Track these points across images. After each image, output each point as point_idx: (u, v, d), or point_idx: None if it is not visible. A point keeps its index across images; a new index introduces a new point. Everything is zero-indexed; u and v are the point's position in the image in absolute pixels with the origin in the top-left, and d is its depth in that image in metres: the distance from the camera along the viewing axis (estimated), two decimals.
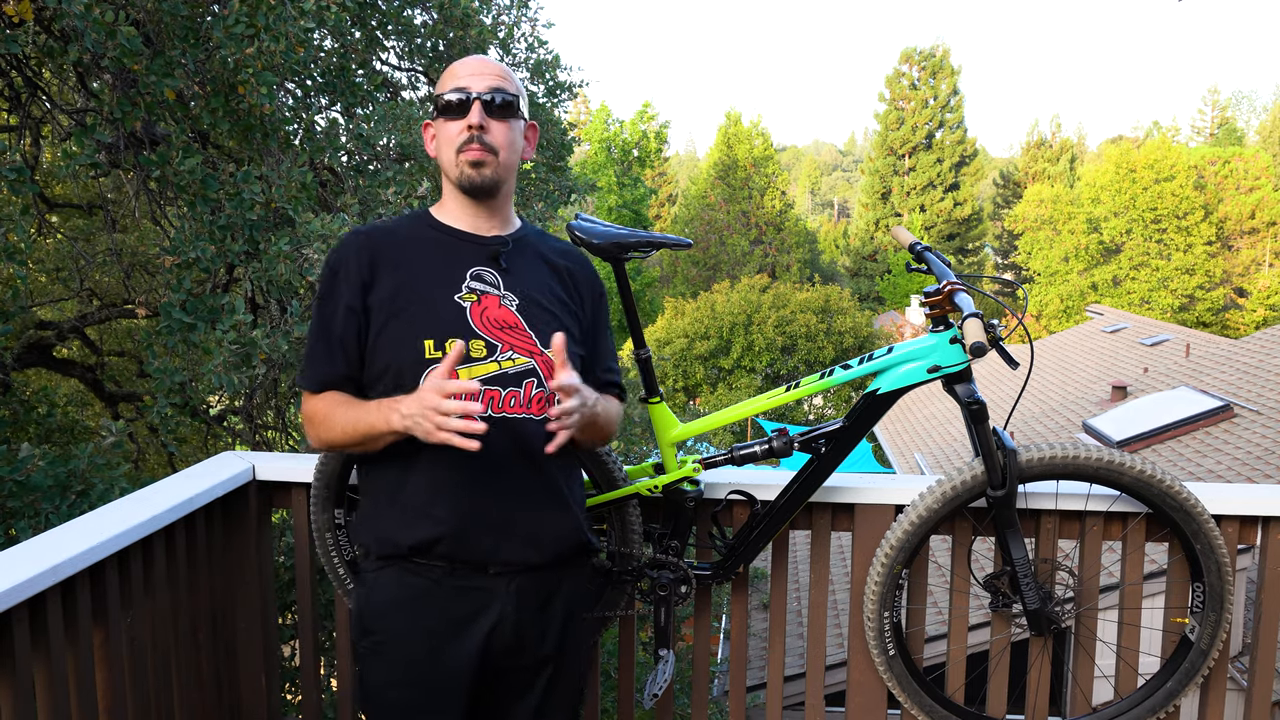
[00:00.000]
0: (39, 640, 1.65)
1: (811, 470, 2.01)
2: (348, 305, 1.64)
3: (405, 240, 1.70)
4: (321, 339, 1.67)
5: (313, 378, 1.67)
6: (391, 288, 1.64)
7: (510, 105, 1.66)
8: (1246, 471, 9.53)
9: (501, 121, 1.65)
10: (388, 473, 1.66)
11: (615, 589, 2.14)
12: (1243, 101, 71.21)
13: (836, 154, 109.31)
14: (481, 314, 1.64)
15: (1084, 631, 2.15)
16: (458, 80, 1.65)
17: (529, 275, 1.71)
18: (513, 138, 1.68)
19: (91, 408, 6.26)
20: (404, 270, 1.65)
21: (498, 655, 1.67)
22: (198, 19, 3.49)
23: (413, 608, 1.64)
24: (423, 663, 1.64)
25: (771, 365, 24.21)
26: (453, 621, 1.64)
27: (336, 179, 4.34)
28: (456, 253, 1.68)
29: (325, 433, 1.65)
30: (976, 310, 1.77)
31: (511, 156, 1.68)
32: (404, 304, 1.63)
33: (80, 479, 3.02)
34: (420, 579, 1.64)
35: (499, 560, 1.65)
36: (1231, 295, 33.51)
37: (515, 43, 5.73)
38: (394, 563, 1.66)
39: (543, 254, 1.76)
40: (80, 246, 5.44)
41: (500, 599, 1.65)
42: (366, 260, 1.66)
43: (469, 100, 1.63)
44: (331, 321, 1.65)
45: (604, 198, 27.66)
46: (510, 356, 1.63)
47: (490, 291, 1.66)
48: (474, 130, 1.62)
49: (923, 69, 40.29)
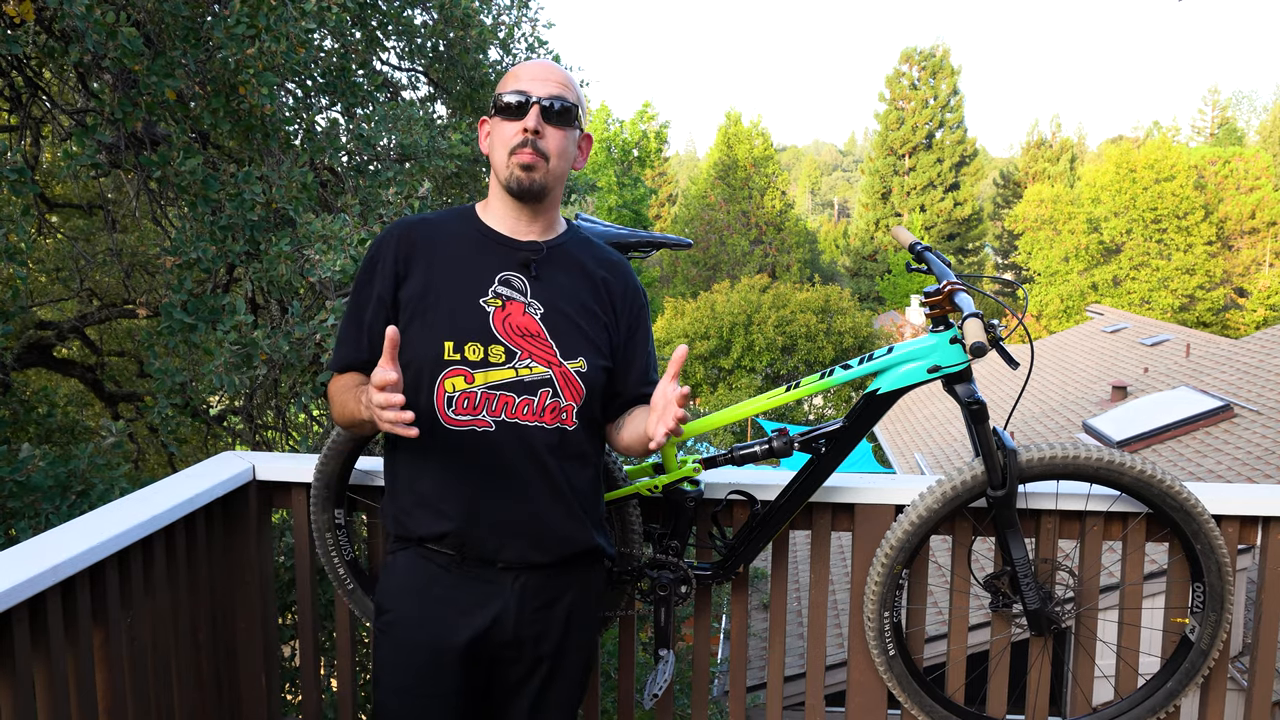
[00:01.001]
0: (39, 640, 1.65)
1: (811, 470, 2.01)
2: (379, 295, 1.68)
3: (444, 237, 1.71)
4: (353, 323, 1.71)
5: (338, 360, 1.73)
6: (422, 285, 1.66)
7: (568, 113, 1.66)
8: (1246, 471, 9.53)
9: (558, 129, 1.65)
10: (410, 461, 1.70)
11: (615, 589, 2.14)
12: (1243, 101, 71.26)
13: (836, 154, 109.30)
14: (504, 320, 1.65)
15: (1084, 631, 2.15)
16: (520, 82, 1.66)
17: (559, 284, 1.70)
18: (566, 146, 1.68)
19: (91, 408, 6.25)
20: (436, 268, 1.67)
21: (496, 647, 1.69)
22: (198, 19, 3.49)
23: (421, 591, 1.69)
24: (423, 645, 1.67)
25: (771, 365, 24.22)
26: (457, 608, 1.67)
27: (337, 179, 4.34)
28: (490, 255, 1.69)
29: (334, 413, 1.72)
30: (977, 310, 1.77)
31: (563, 164, 1.68)
32: (431, 303, 1.65)
33: (80, 479, 3.02)
34: (431, 564, 1.69)
35: (504, 558, 1.67)
36: (1231, 295, 33.50)
37: (515, 43, 5.72)
38: (409, 546, 1.71)
39: (581, 263, 1.75)
40: (80, 246, 5.44)
41: (505, 594, 1.68)
42: (404, 253, 1.68)
43: (528, 103, 1.63)
44: (364, 308, 1.69)
45: (604, 198, 27.66)
46: (528, 365, 1.64)
47: (516, 298, 1.66)
48: (529, 134, 1.62)
49: (923, 69, 40.29)
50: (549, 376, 1.65)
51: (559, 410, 1.66)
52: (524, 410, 1.64)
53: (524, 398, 1.64)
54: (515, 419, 1.64)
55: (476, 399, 1.62)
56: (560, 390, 1.66)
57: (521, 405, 1.64)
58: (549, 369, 1.65)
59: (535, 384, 1.64)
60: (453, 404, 1.63)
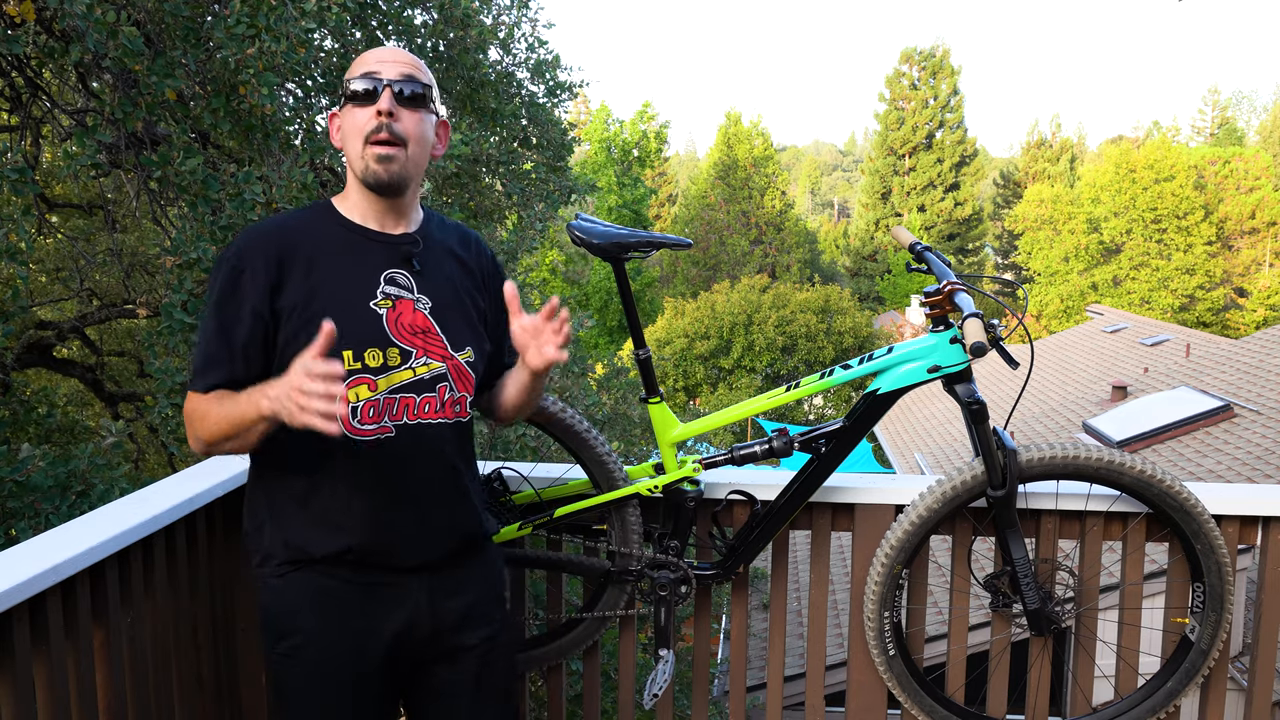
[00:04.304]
0: (39, 640, 1.65)
1: (811, 470, 2.01)
2: (254, 309, 1.55)
3: (314, 239, 1.62)
4: (222, 343, 1.56)
5: (206, 382, 1.56)
6: (304, 292, 1.57)
7: (421, 96, 1.60)
8: (1246, 471, 9.53)
9: (413, 112, 1.59)
10: (294, 479, 1.62)
11: (615, 589, 2.14)
12: (1243, 101, 71.25)
13: (836, 154, 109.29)
14: (397, 320, 1.61)
15: (1084, 631, 2.15)
16: (367, 66, 1.59)
17: (439, 275, 1.68)
18: (423, 130, 1.61)
19: (91, 408, 6.26)
20: (316, 273, 1.58)
21: (417, 648, 1.67)
22: (199, 19, 3.49)
23: (327, 608, 1.62)
24: (342, 660, 1.62)
25: (771, 365, 24.22)
26: (368, 617, 1.64)
27: (337, 179, 4.35)
28: (368, 254, 1.62)
29: (202, 430, 1.55)
30: (977, 310, 1.77)
31: (420, 150, 1.62)
32: (318, 311, 1.54)
33: (80, 479, 3.02)
34: (332, 580, 1.63)
35: (409, 562, 1.65)
36: (1231, 295, 33.50)
37: (515, 43, 5.73)
38: (302, 567, 1.63)
39: (449, 248, 1.73)
40: (80, 246, 5.44)
41: (413, 592, 1.66)
42: (274, 260, 1.57)
43: (379, 87, 1.57)
44: (234, 325, 1.56)
45: (604, 198, 27.68)
46: (425, 362, 1.62)
47: (405, 296, 1.63)
48: (383, 118, 1.56)
49: (923, 69, 40.29)
50: (444, 371, 1.64)
51: (455, 403, 1.66)
52: (426, 409, 1.62)
53: (425, 395, 1.62)
54: (419, 419, 1.61)
55: (379, 406, 1.58)
56: (454, 383, 1.65)
57: (424, 404, 1.62)
58: (444, 363, 1.64)
59: (433, 380, 1.63)
60: (358, 414, 1.57)
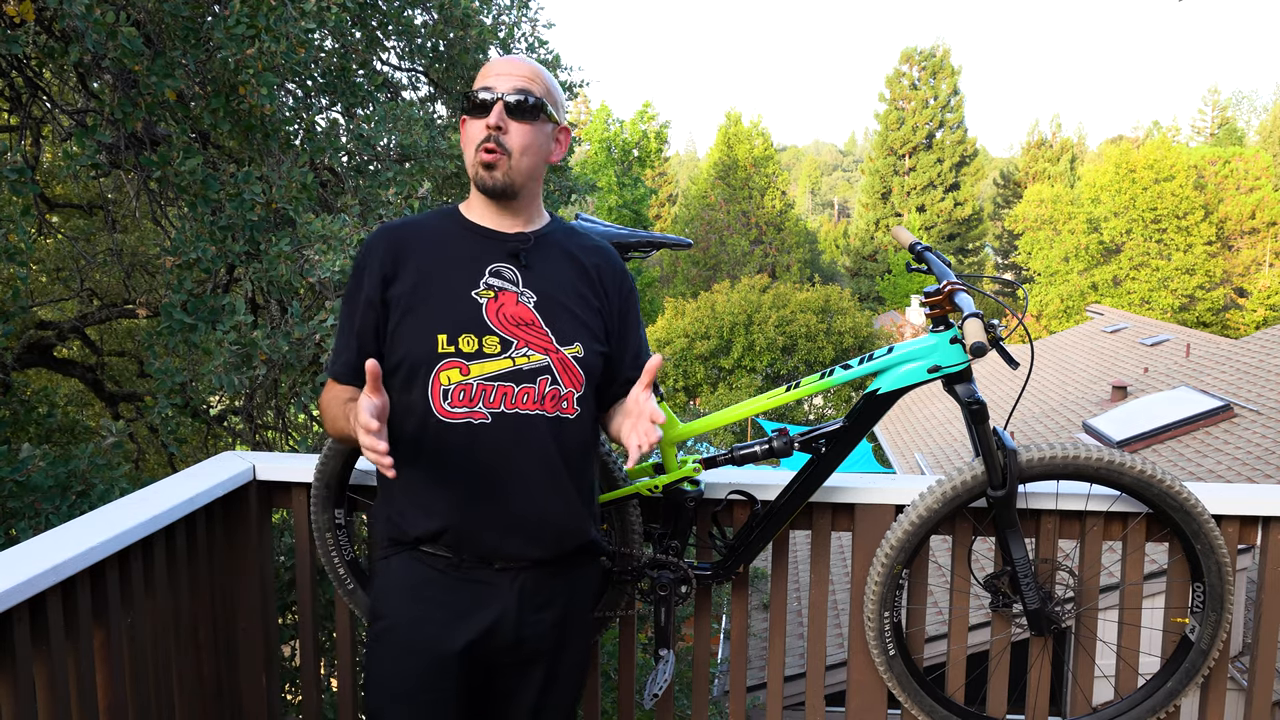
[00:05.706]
0: (39, 640, 1.65)
1: (811, 470, 2.01)
2: (367, 298, 1.67)
3: (430, 236, 1.71)
4: (343, 332, 1.72)
5: (333, 370, 1.73)
6: (411, 282, 1.66)
7: (534, 108, 1.65)
8: (1246, 471, 9.53)
9: (523, 123, 1.65)
10: (404, 459, 1.67)
11: (615, 589, 2.14)
12: (1243, 101, 71.25)
13: (836, 154, 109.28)
14: (498, 310, 1.65)
15: (1084, 631, 2.15)
16: (486, 79, 1.67)
17: (550, 272, 1.71)
18: (533, 140, 1.67)
19: (91, 408, 6.26)
20: (425, 265, 1.67)
21: (496, 651, 1.68)
22: (198, 19, 3.49)
23: (417, 594, 1.67)
24: (423, 649, 1.66)
25: (771, 365, 24.21)
26: (455, 611, 1.66)
27: (337, 179, 4.34)
28: (478, 249, 1.69)
29: (325, 424, 1.73)
30: (977, 310, 1.77)
31: (528, 160, 1.67)
32: (422, 298, 1.64)
33: (80, 479, 3.02)
34: (426, 567, 1.67)
35: (503, 555, 1.66)
36: (1231, 295, 33.50)
37: (515, 43, 5.72)
38: (403, 549, 1.69)
39: (569, 251, 1.75)
40: (80, 246, 5.44)
41: (503, 595, 1.67)
42: (391, 255, 1.68)
43: (492, 100, 1.64)
44: (353, 315, 1.70)
45: (604, 198, 27.66)
46: (525, 353, 1.64)
47: (508, 288, 1.67)
48: (491, 130, 1.63)
49: (923, 69, 40.29)
50: (547, 364, 1.65)
51: (559, 398, 1.66)
52: (524, 399, 1.63)
53: (523, 386, 1.63)
54: (515, 409, 1.63)
55: (472, 391, 1.61)
56: (559, 377, 1.65)
57: (521, 394, 1.63)
58: (546, 355, 1.65)
59: (534, 372, 1.64)
60: (448, 397, 1.61)
